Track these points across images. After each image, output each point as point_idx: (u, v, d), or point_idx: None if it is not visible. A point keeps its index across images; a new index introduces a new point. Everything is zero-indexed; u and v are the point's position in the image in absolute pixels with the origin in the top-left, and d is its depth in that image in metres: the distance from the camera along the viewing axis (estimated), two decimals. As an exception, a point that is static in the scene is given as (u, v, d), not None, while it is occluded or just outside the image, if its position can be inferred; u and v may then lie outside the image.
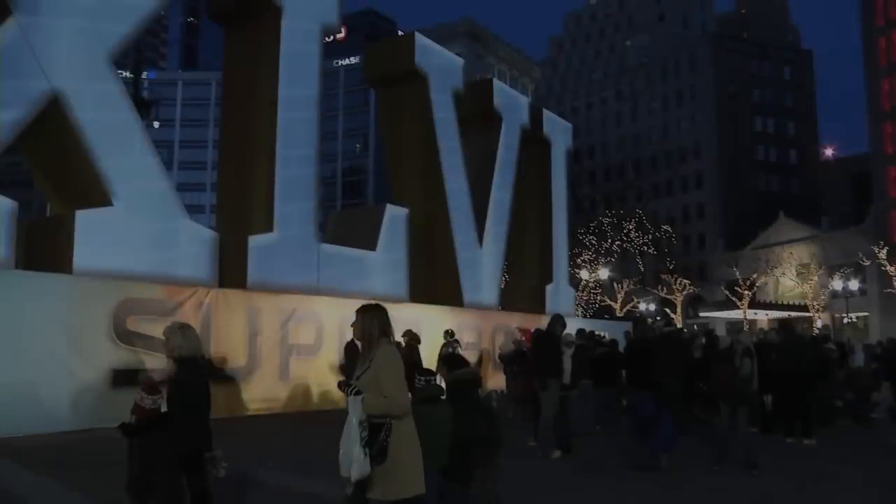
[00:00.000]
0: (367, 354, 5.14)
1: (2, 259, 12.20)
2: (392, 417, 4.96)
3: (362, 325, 5.18)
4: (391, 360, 5.08)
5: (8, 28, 12.54)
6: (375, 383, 4.97)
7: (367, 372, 5.05)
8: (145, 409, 5.76)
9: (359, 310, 5.28)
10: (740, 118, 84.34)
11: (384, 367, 5.01)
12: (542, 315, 24.65)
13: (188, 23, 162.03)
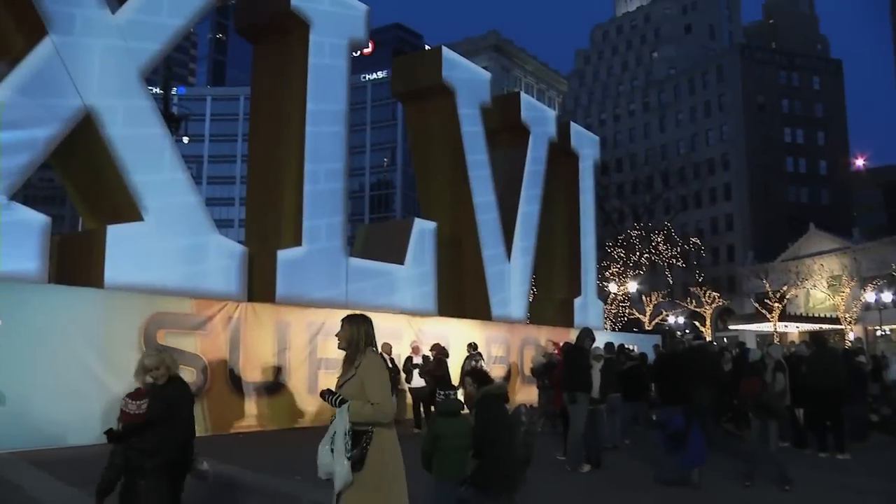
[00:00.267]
0: (350, 363, 5.16)
1: (35, 273, 12.30)
2: (376, 425, 4.97)
3: (349, 333, 5.21)
4: (377, 369, 5.11)
5: (43, 47, 12.70)
6: (361, 391, 4.98)
7: (351, 380, 5.07)
8: (130, 414, 5.80)
9: (344, 319, 5.31)
10: (769, 129, 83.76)
11: (370, 376, 5.04)
12: (571, 328, 24.59)
13: (216, 39, 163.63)
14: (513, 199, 24.18)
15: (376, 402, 4.95)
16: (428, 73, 22.17)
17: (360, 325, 5.26)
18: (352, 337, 5.20)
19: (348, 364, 5.19)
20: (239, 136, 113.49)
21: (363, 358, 5.12)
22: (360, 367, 5.08)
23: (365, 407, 4.91)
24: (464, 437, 6.38)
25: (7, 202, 12.17)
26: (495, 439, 6.41)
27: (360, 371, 5.06)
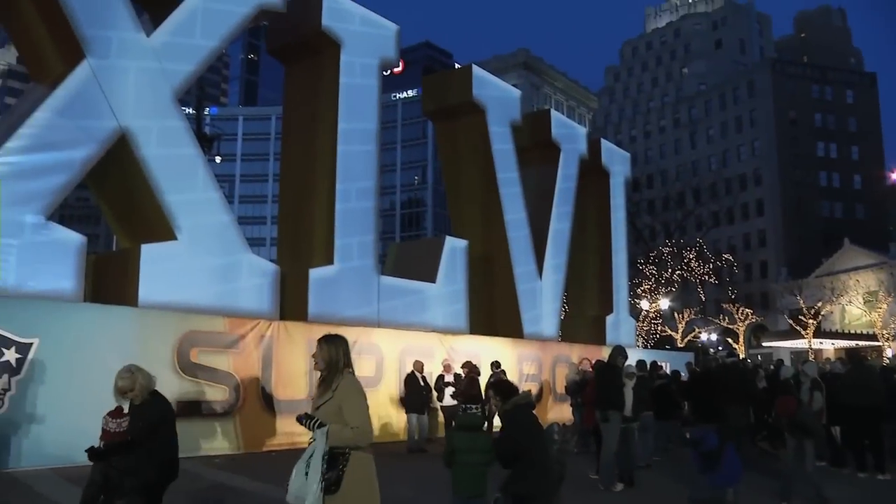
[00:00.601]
0: (328, 386, 5.09)
1: (71, 292, 12.46)
2: (354, 448, 4.92)
3: (328, 354, 5.15)
4: (356, 391, 5.04)
5: (81, 70, 12.90)
6: (338, 414, 4.92)
7: (328, 403, 4.99)
8: (111, 432, 5.81)
9: (322, 339, 5.24)
10: (802, 143, 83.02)
11: (349, 398, 4.97)
12: (603, 346, 24.45)
13: (248, 59, 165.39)
14: (544, 216, 24.16)
15: (356, 425, 4.87)
16: (458, 92, 22.25)
17: (338, 346, 5.18)
18: (331, 358, 5.13)
19: (325, 386, 5.09)
20: (270, 156, 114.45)
21: (341, 380, 5.05)
22: (337, 389, 5.00)
23: (344, 430, 4.84)
24: (481, 453, 6.38)
25: (44, 222, 12.34)
26: (529, 448, 6.40)
27: (337, 393, 4.99)
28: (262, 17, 16.58)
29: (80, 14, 12.88)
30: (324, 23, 17.22)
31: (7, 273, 11.83)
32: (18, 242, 11.99)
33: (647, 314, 54.18)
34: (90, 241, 13.58)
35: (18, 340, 11.18)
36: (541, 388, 21.63)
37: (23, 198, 12.05)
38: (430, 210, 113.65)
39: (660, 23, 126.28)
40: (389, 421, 16.89)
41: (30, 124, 12.31)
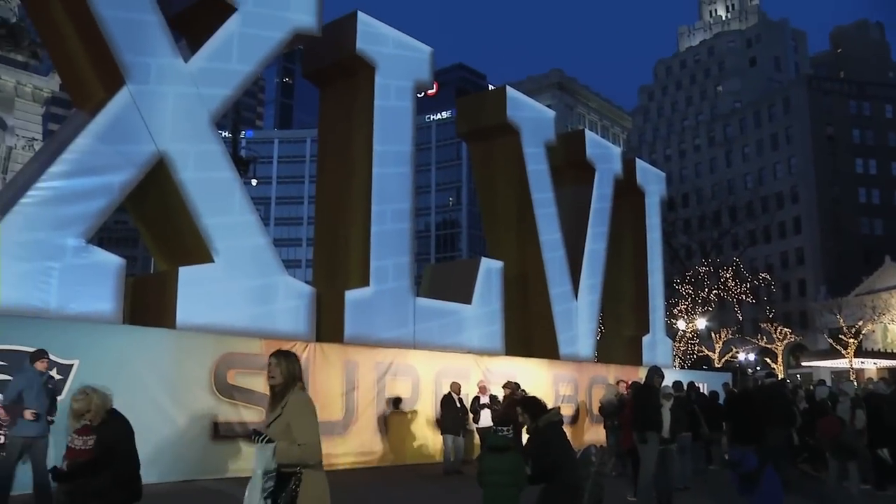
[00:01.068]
0: (278, 402, 5.05)
1: (111, 314, 12.61)
2: (305, 466, 4.86)
3: (287, 368, 5.10)
4: (306, 407, 4.99)
5: (121, 96, 13.12)
6: (287, 431, 4.87)
7: (278, 419, 4.94)
8: (76, 450, 5.77)
9: (275, 354, 5.18)
10: (839, 160, 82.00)
11: (298, 415, 4.91)
12: (639, 367, 24.25)
13: (283, 83, 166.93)
14: (579, 236, 24.07)
15: (303, 442, 4.82)
16: (492, 113, 22.30)
17: (291, 361, 5.15)
18: (289, 372, 5.09)
19: (275, 403, 5.07)
20: (306, 178, 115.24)
21: (291, 396, 5.01)
22: (286, 405, 4.97)
23: (292, 448, 4.80)
24: (508, 474, 6.36)
25: (85, 245, 12.52)
26: (561, 464, 6.37)
27: (286, 410, 4.95)
28: (297, 42, 16.76)
29: (120, 41, 13.11)
30: (358, 46, 17.37)
31: (49, 295, 12.02)
32: (60, 265, 12.17)
33: (684, 334, 53.70)
34: (128, 263, 13.75)
35: (60, 361, 11.30)
36: (577, 409, 21.49)
37: (64, 221, 12.25)
38: (465, 231, 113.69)
39: (693, 41, 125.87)
40: (425, 442, 16.87)
41: (71, 150, 12.54)
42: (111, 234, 76.40)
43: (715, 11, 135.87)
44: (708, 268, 58.92)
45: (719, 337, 56.71)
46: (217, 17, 14.92)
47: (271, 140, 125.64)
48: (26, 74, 33.82)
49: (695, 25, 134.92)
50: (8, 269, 11.62)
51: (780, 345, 60.24)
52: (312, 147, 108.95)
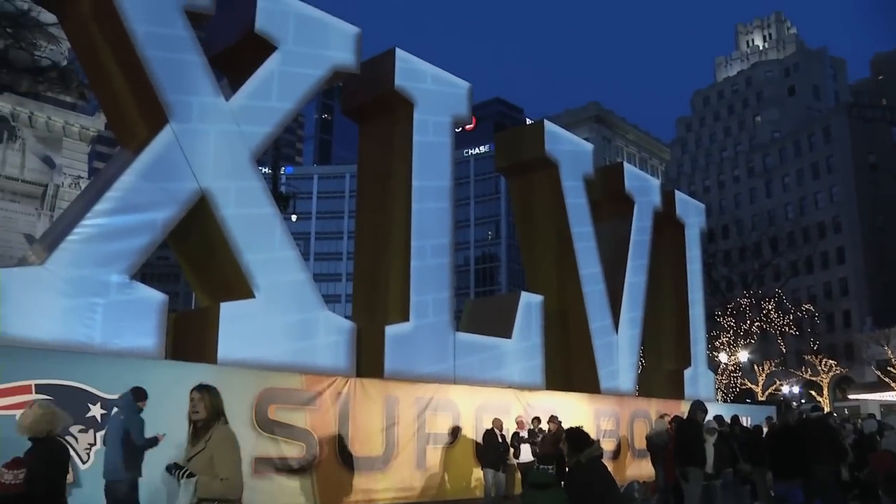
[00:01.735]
0: (201, 436, 5.00)
1: (153, 349, 12.72)
2: (226, 501, 4.80)
3: (212, 402, 5.06)
4: (229, 442, 4.95)
5: (164, 134, 13.34)
6: (210, 465, 4.82)
7: (201, 453, 4.90)
8: (4, 484, 5.71)
9: (198, 388, 5.15)
10: (883, 188, 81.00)
11: (221, 449, 4.87)
12: (681, 400, 23.98)
13: (322, 119, 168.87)
14: (619, 269, 23.93)
15: (225, 476, 4.78)
16: (531, 147, 22.34)
17: (215, 396, 5.12)
18: (213, 406, 5.06)
19: (198, 437, 5.02)
20: (345, 213, 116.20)
21: (214, 430, 4.97)
22: (210, 440, 4.93)
23: (213, 482, 4.75)
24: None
25: (128, 281, 12.67)
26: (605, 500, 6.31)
27: (210, 444, 4.91)
28: (336, 79, 16.95)
29: (164, 81, 13.35)
30: (397, 82, 17.52)
31: (93, 331, 12.16)
32: (104, 301, 12.31)
33: (726, 367, 53.05)
34: (170, 298, 13.86)
35: (103, 396, 11.43)
36: (618, 444, 21.25)
37: (109, 258, 12.41)
38: (505, 265, 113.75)
39: (730, 72, 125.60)
40: (466, 477, 16.75)
41: (116, 188, 12.72)
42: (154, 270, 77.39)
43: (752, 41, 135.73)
44: (749, 299, 58.30)
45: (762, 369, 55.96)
46: (258, 55, 15.15)
47: (311, 176, 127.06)
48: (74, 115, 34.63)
49: (732, 55, 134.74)
50: (54, 305, 11.80)
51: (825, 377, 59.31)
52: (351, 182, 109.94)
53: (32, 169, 32.80)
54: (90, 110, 35.42)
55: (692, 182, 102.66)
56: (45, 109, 33.25)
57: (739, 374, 54.68)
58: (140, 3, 13.18)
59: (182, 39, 13.76)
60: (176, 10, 13.72)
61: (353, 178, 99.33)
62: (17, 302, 11.39)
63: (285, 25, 15.43)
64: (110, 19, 13.17)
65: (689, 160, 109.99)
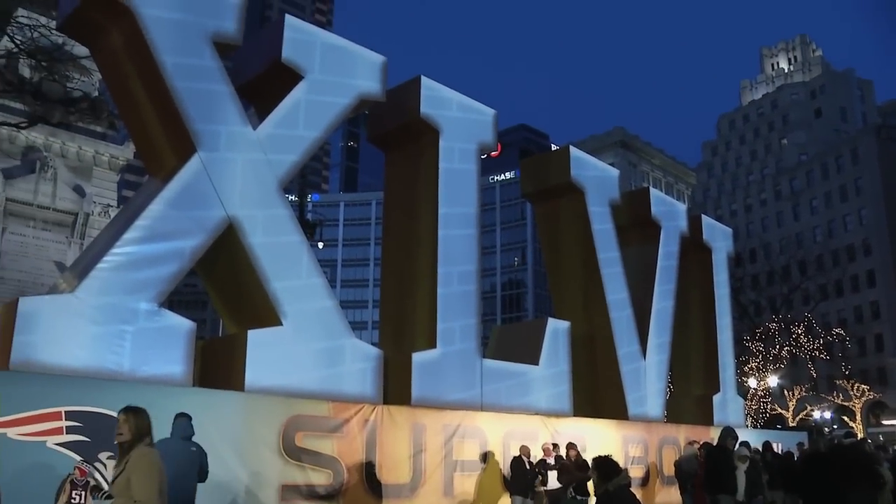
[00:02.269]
0: (123, 457, 4.96)
1: (181, 376, 12.78)
2: None
3: (137, 424, 5.01)
4: (147, 465, 4.90)
5: (192, 164, 13.48)
6: (127, 487, 4.78)
7: (121, 475, 4.87)
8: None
9: (128, 410, 5.11)
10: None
11: (138, 471, 4.83)
12: (710, 426, 23.75)
13: (348, 147, 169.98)
14: (646, 295, 23.80)
15: (139, 499, 4.74)
16: (557, 173, 22.33)
17: (141, 418, 5.07)
18: (138, 429, 5.01)
19: (121, 459, 4.99)
20: (371, 240, 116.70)
21: (134, 452, 4.93)
22: (129, 462, 4.89)
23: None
24: None
25: (157, 309, 12.76)
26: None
27: (129, 466, 4.87)
28: (362, 107, 17.07)
29: (192, 111, 13.50)
30: (422, 110, 17.61)
31: (122, 358, 12.24)
32: (133, 329, 12.40)
33: (756, 392, 52.50)
34: (197, 325, 13.93)
35: (132, 425, 11.47)
36: (647, 471, 21.05)
37: (137, 286, 12.51)
38: (531, 291, 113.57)
39: (756, 95, 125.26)
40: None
41: (144, 216, 12.85)
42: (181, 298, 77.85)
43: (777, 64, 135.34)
44: (778, 324, 57.73)
45: (792, 395, 55.31)
46: (284, 84, 15.29)
47: (337, 203, 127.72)
48: (104, 144, 35.17)
49: (757, 79, 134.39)
50: (84, 333, 11.90)
51: (857, 402, 58.49)
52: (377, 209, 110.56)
53: (63, 198, 33.30)
54: (119, 140, 35.96)
55: (718, 206, 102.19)
56: (77, 139, 33.83)
57: (769, 400, 54.09)
58: (169, 35, 13.37)
59: (210, 69, 13.93)
60: (204, 41, 13.90)
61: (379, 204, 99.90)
62: (48, 329, 11.51)
63: (311, 55, 15.59)
64: (140, 51, 13.37)
65: (716, 184, 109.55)
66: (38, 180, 32.74)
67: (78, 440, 10.82)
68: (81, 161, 34.39)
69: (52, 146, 33.20)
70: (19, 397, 10.60)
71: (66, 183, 33.62)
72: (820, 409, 60.71)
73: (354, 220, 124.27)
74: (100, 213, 33.77)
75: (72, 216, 33.34)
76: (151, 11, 13.20)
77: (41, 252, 32.67)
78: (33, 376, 10.99)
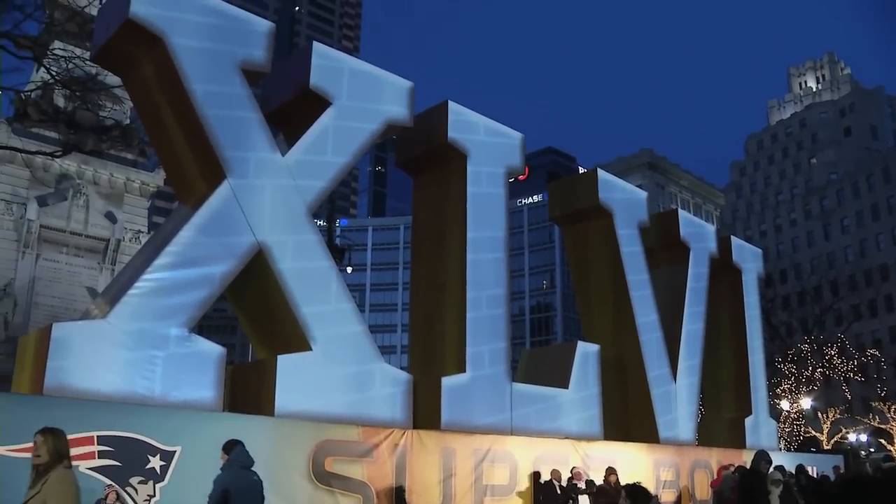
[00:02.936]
0: (40, 479, 4.91)
1: (212, 401, 12.85)
2: None
3: (54, 446, 4.97)
4: (64, 488, 4.84)
5: (222, 190, 13.62)
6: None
7: (36, 497, 4.82)
8: None
9: (46, 431, 5.06)
10: (947, 227, 79.18)
11: (55, 496, 4.77)
12: (743, 450, 23.50)
13: (376, 172, 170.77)
14: (676, 317, 23.64)
15: None
16: (585, 196, 22.30)
17: (59, 439, 5.02)
18: (56, 450, 4.97)
19: (37, 480, 4.94)
20: (400, 265, 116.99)
21: (52, 474, 4.89)
22: (46, 484, 4.84)
23: None
24: None
25: (187, 334, 12.86)
26: None
27: (45, 489, 4.82)
28: (390, 132, 17.16)
29: (221, 138, 13.66)
30: (450, 135, 17.68)
31: (153, 383, 12.34)
32: (164, 354, 12.50)
33: (789, 415, 51.83)
34: (227, 350, 14.00)
35: (163, 448, 11.57)
36: (679, 495, 20.83)
37: (168, 312, 12.62)
38: (560, 314, 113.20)
39: (784, 114, 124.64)
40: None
41: (175, 242, 12.98)
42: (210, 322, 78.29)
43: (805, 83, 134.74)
44: (811, 345, 57.02)
45: (826, 417, 54.52)
46: (313, 111, 15.44)
47: (365, 228, 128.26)
48: (135, 171, 35.66)
49: (784, 98, 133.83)
50: (116, 358, 12.02)
51: (894, 425, 57.55)
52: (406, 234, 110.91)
53: (95, 224, 33.73)
54: (150, 167, 36.42)
55: (748, 227, 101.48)
56: (108, 167, 34.30)
57: (802, 422, 53.39)
58: (199, 64, 13.56)
59: (239, 97, 14.10)
60: (233, 69, 14.08)
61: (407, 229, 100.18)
62: (81, 354, 11.64)
63: (339, 81, 15.73)
64: (171, 79, 13.56)
65: (745, 205, 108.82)
66: (71, 207, 33.21)
67: (109, 464, 10.91)
68: (113, 188, 34.83)
69: (84, 174, 33.70)
70: (53, 422, 10.65)
71: (97, 209, 34.06)
72: (855, 432, 59.75)
73: (383, 245, 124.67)
74: (131, 239, 34.15)
75: (103, 242, 33.76)
76: (182, 41, 13.42)
77: (74, 278, 33.08)
78: (67, 401, 11.11)
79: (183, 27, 13.50)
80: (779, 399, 50.19)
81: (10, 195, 32.25)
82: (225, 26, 14.15)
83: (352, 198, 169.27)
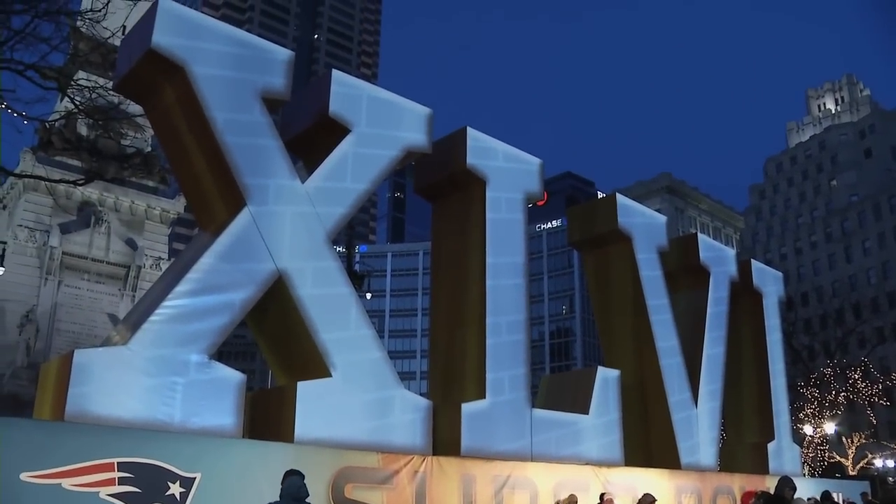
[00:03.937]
0: None
1: (231, 428, 12.85)
2: None
3: None
4: None
5: (242, 217, 13.70)
6: None
7: None
8: None
9: None
10: (970, 250, 78.47)
11: None
12: (766, 475, 23.26)
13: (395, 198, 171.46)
14: (696, 341, 23.49)
15: None
16: (604, 221, 22.27)
17: None
18: None
19: None
20: (419, 291, 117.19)
21: None
22: None
23: None
24: None
25: (207, 361, 12.89)
26: None
27: None
28: (408, 159, 17.23)
29: (242, 165, 13.75)
30: (469, 161, 17.72)
31: (173, 409, 12.36)
32: (184, 381, 12.53)
33: (812, 440, 51.29)
34: (246, 376, 14.02)
35: (183, 475, 11.55)
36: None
37: (189, 338, 12.66)
38: (579, 339, 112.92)
39: (803, 137, 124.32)
40: (545, 557, 16.42)
41: (196, 269, 13.04)
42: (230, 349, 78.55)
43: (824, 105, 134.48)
44: (834, 369, 56.51)
45: (851, 442, 53.91)
46: (332, 138, 15.52)
47: (384, 254, 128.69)
48: (155, 198, 36.02)
49: (803, 121, 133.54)
50: (136, 384, 12.05)
51: (923, 450, 56.89)
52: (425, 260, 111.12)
53: (116, 251, 34.03)
54: (171, 194, 36.75)
55: (768, 250, 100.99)
56: (129, 194, 34.67)
57: (827, 447, 52.81)
58: (220, 92, 13.70)
59: (259, 125, 14.21)
60: (253, 97, 14.21)
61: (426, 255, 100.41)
62: (102, 381, 11.68)
63: (359, 108, 15.83)
64: (192, 108, 13.70)
65: (764, 228, 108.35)
66: (93, 234, 33.54)
67: (129, 491, 10.91)
68: (134, 215, 35.16)
69: (106, 201, 34.07)
70: (74, 448, 10.72)
71: (118, 236, 34.38)
72: (882, 457, 59.00)
73: (402, 271, 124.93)
74: (151, 266, 34.40)
75: (124, 269, 34.04)
76: (203, 70, 13.56)
77: (95, 304, 33.35)
78: (87, 427, 11.14)
79: (204, 56, 13.65)
80: (802, 424, 49.70)
81: (33, 222, 32.65)
82: (245, 55, 14.31)
83: (371, 224, 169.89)
